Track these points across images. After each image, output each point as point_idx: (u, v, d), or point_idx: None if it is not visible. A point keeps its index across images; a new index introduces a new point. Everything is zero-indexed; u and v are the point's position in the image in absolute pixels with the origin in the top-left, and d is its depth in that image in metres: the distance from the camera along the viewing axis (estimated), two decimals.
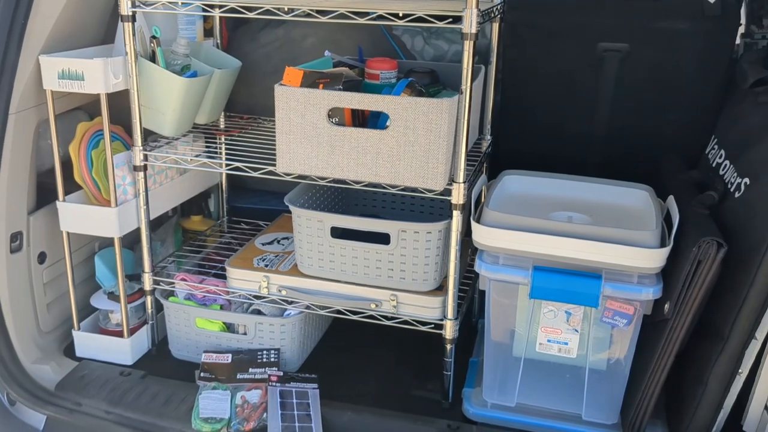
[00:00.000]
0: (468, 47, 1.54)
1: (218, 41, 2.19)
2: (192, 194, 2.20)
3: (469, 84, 1.56)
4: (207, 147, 2.16)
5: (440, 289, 1.79)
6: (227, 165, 1.80)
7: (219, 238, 2.29)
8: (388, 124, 1.62)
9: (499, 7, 1.90)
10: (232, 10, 1.68)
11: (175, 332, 1.96)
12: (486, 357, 1.77)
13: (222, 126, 2.24)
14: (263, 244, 2.02)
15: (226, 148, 2.07)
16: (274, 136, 2.03)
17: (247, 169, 1.78)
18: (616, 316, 1.64)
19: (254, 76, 2.25)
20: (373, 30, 2.27)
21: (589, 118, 2.04)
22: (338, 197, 2.11)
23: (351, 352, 2.03)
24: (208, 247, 2.22)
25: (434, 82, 1.96)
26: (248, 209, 2.39)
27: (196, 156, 1.92)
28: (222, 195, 2.37)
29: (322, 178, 1.70)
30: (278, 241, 2.05)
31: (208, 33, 2.21)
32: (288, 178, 1.73)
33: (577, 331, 1.69)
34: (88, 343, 1.98)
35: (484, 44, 2.05)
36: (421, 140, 1.58)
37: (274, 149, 1.83)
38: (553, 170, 1.92)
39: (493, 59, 1.97)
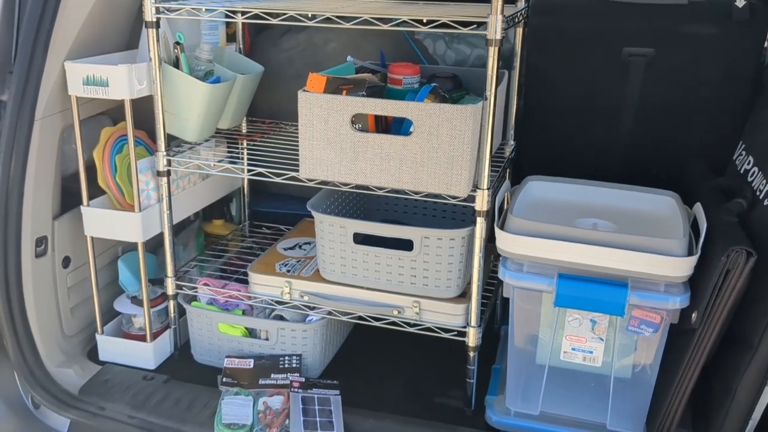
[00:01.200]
0: (493, 53, 1.53)
1: (241, 46, 2.19)
2: (214, 199, 2.20)
3: (493, 90, 1.55)
4: (229, 152, 2.16)
5: (463, 295, 1.78)
6: (250, 171, 1.80)
7: (241, 243, 2.29)
8: (411, 130, 1.62)
9: (523, 12, 1.88)
10: (256, 16, 1.68)
11: (198, 337, 1.96)
12: (509, 364, 1.75)
13: (244, 131, 2.25)
14: (285, 249, 2.02)
15: (249, 153, 2.07)
16: (297, 141, 2.04)
17: (269, 175, 1.78)
18: (642, 325, 1.62)
19: (276, 80, 2.25)
20: (395, 34, 2.26)
21: (614, 123, 2.02)
22: (360, 202, 2.10)
23: (372, 357, 2.02)
24: (230, 252, 2.23)
25: (457, 87, 1.95)
26: (270, 213, 2.39)
27: (219, 161, 1.93)
28: (244, 199, 2.37)
29: (345, 184, 1.69)
30: (300, 246, 2.05)
31: (231, 38, 2.21)
32: (311, 184, 1.73)
33: (602, 339, 1.67)
34: (111, 347, 1.99)
35: (507, 49, 2.04)
36: (445, 146, 1.57)
37: (297, 154, 1.83)
38: (577, 176, 1.91)
39: (517, 64, 1.96)
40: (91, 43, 1.84)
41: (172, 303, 1.98)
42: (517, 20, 1.82)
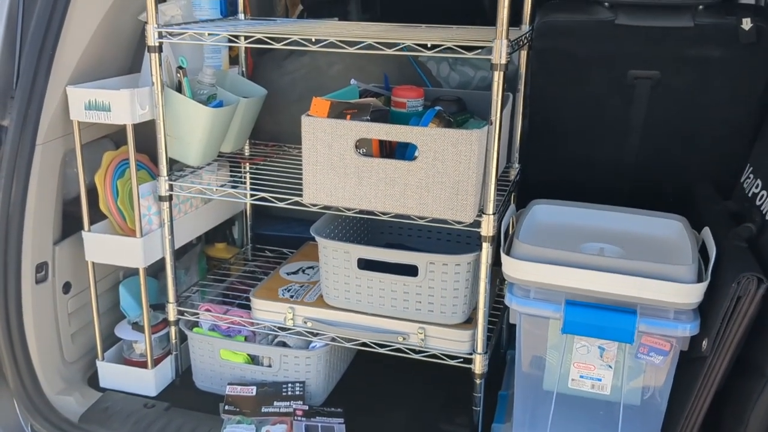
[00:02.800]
0: (498, 78, 1.51)
1: (243, 69, 2.19)
2: (216, 222, 2.18)
3: (498, 115, 1.54)
4: (232, 175, 2.15)
5: (469, 321, 1.75)
6: (252, 195, 1.78)
7: (243, 267, 2.27)
8: (416, 155, 1.60)
9: (527, 35, 1.87)
10: (259, 41, 1.67)
11: (199, 363, 1.94)
12: (516, 391, 1.72)
13: (246, 153, 2.23)
14: (288, 274, 2.00)
15: (251, 177, 2.06)
16: (300, 164, 2.02)
17: (272, 200, 1.76)
18: (651, 353, 1.59)
19: (279, 103, 2.24)
20: (399, 56, 2.25)
21: (619, 146, 2.01)
22: (363, 226, 2.08)
23: (377, 383, 1.99)
24: (232, 276, 2.21)
25: (461, 110, 1.94)
26: (273, 236, 2.37)
27: (221, 186, 1.91)
28: (246, 222, 2.35)
29: (349, 209, 1.67)
30: (303, 271, 2.02)
31: (233, 60, 2.20)
32: (314, 209, 1.71)
33: (611, 366, 1.64)
34: (112, 374, 1.96)
35: (511, 71, 2.02)
36: (450, 171, 1.55)
37: (300, 178, 1.81)
38: (582, 199, 1.89)
39: (521, 87, 1.94)
40: (93, 67, 1.83)
41: (173, 329, 1.96)
42: (521, 43, 1.81)
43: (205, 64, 2.04)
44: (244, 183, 2.16)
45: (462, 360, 1.74)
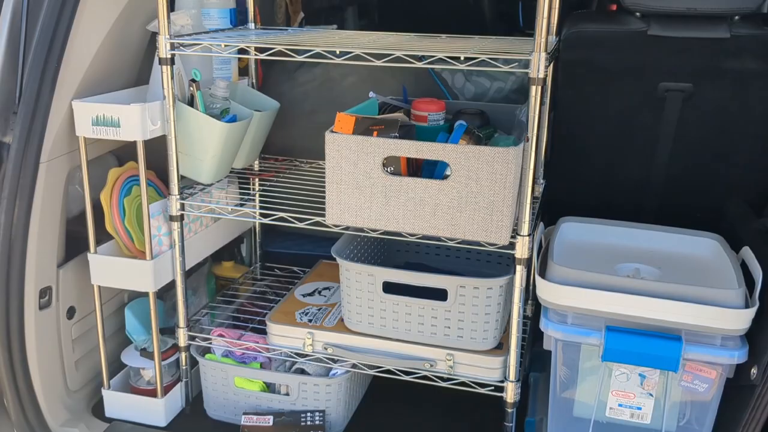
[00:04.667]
0: (535, 93, 1.43)
1: (254, 80, 2.09)
2: (226, 241, 2.09)
3: (535, 132, 1.45)
4: (242, 192, 2.05)
5: (499, 347, 1.67)
6: (269, 215, 1.69)
7: (252, 287, 2.17)
8: (447, 173, 1.52)
9: (555, 47, 1.79)
10: (279, 53, 1.58)
11: (212, 391, 1.84)
12: (551, 420, 1.64)
13: (256, 168, 2.14)
14: (304, 296, 1.90)
15: (262, 193, 1.96)
16: (313, 180, 1.94)
17: (292, 220, 1.67)
18: (696, 380, 1.52)
19: (291, 116, 2.15)
20: (417, 67, 2.17)
21: (648, 160, 1.93)
22: (381, 244, 1.99)
23: (397, 411, 1.90)
24: (242, 297, 2.11)
25: (485, 124, 1.86)
26: (283, 254, 2.28)
27: (236, 205, 1.82)
28: (255, 239, 2.26)
29: (374, 230, 1.58)
30: (319, 292, 1.93)
31: (243, 71, 2.11)
32: (337, 230, 1.62)
33: (651, 395, 1.56)
34: (118, 403, 1.86)
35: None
36: (484, 191, 1.47)
37: (315, 195, 1.73)
38: (607, 216, 1.82)
39: (547, 99, 1.86)
40: (100, 80, 1.74)
41: (184, 355, 1.86)
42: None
43: (214, 75, 1.95)
44: (254, 199, 2.07)
45: (493, 388, 1.65)
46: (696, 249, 1.71)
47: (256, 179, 2.13)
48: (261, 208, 1.78)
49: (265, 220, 1.70)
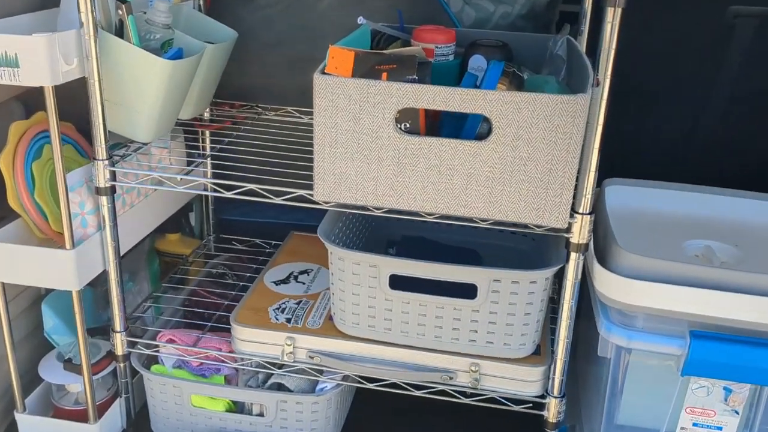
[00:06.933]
0: (613, 16, 1.02)
1: (201, 1, 1.61)
2: (171, 212, 1.64)
3: (610, 72, 1.05)
4: (190, 150, 1.61)
5: (537, 353, 1.30)
6: (235, 188, 1.26)
7: (206, 267, 1.74)
8: (481, 131, 1.11)
9: None
10: None
11: (161, 411, 1.43)
12: None
13: (206, 117, 1.68)
14: (276, 284, 1.49)
15: (216, 153, 1.52)
16: (281, 134, 1.51)
17: (265, 194, 1.24)
18: None
19: (249, 49, 1.68)
20: None
21: (705, 103, 1.56)
22: (371, 221, 1.57)
23: (390, 417, 1.52)
24: (194, 281, 1.68)
25: (507, 59, 1.44)
26: (241, 223, 1.85)
27: (186, 173, 1.37)
28: (207, 206, 1.82)
29: (379, 208, 1.17)
30: (296, 278, 1.52)
31: None
32: (327, 207, 1.21)
33: (737, 412, 1.22)
34: (36, 429, 1.43)
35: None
36: (539, 156, 1.07)
37: (285, 154, 1.30)
38: (655, 172, 1.46)
39: (585, 27, 1.46)
40: None
41: (122, 366, 1.43)
42: None
43: None
44: (205, 158, 1.62)
45: (530, 405, 1.29)
46: None
47: (207, 130, 1.68)
48: (217, 173, 1.34)
49: (228, 194, 1.27)
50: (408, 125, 1.11)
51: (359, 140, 1.11)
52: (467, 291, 1.23)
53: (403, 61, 1.10)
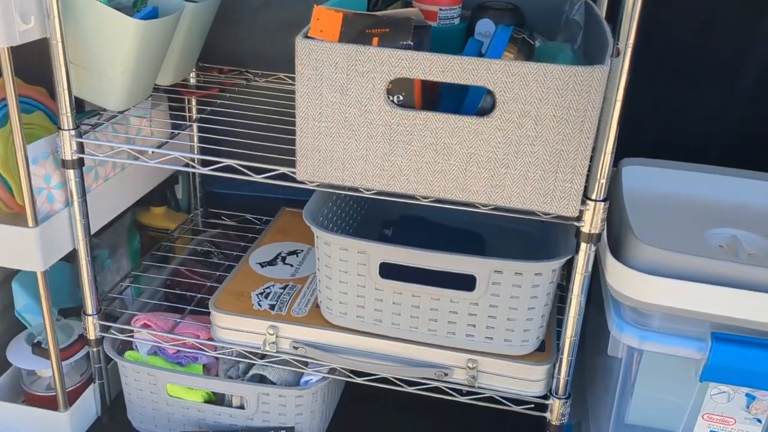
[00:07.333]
0: None
1: None
2: (153, 185, 1.53)
3: (632, 41, 0.92)
4: (174, 119, 1.49)
5: (541, 349, 1.19)
6: (211, 163, 1.14)
7: (192, 244, 1.63)
8: (483, 105, 0.99)
9: None
10: None
11: (137, 399, 1.33)
12: None
13: (193, 84, 1.56)
14: (262, 265, 1.38)
15: (202, 123, 1.41)
16: (271, 102, 1.39)
17: (246, 171, 1.12)
18: None
19: (239, 8, 1.56)
20: None
21: (737, 77, 1.42)
22: (366, 199, 1.45)
23: (381, 414, 1.43)
24: (178, 258, 1.57)
25: (518, 24, 1.31)
26: (232, 197, 1.74)
27: (161, 145, 1.26)
28: (194, 178, 1.71)
29: (369, 190, 1.05)
30: (283, 259, 1.41)
31: None
32: (311, 186, 1.09)
33: (760, 421, 1.11)
34: (5, 417, 1.34)
35: None
36: (548, 135, 0.94)
37: (273, 125, 1.19)
38: (679, 152, 1.33)
39: None
40: None
41: (95, 351, 1.33)
42: None
43: None
44: (190, 128, 1.51)
45: (532, 406, 1.18)
46: None
47: (193, 97, 1.56)
48: (202, 145, 1.23)
49: (204, 170, 1.15)
50: (401, 98, 0.99)
51: (346, 114, 0.99)
52: (466, 281, 1.11)
53: (397, 25, 0.97)
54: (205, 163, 1.15)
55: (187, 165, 1.16)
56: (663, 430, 1.18)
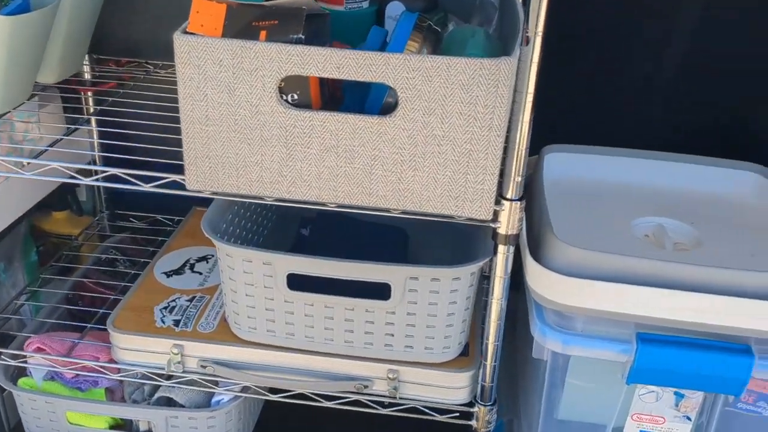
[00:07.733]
0: None
1: None
2: (49, 189, 1.41)
3: (541, 28, 0.84)
4: (71, 116, 1.37)
5: (465, 354, 1.12)
6: (98, 173, 1.04)
7: (97, 251, 1.51)
8: (388, 100, 0.91)
9: None
10: None
11: (36, 429, 1.23)
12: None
13: (87, 78, 1.44)
14: (167, 275, 1.28)
15: (100, 117, 1.29)
16: (173, 96, 1.28)
17: (136, 181, 1.02)
18: (760, 402, 1.04)
19: None
20: None
21: (658, 56, 1.37)
22: (273, 208, 1.36)
23: (304, 430, 1.35)
24: (81, 269, 1.45)
25: (430, 7, 1.22)
26: (139, 196, 1.61)
27: (45, 149, 1.14)
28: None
29: (269, 197, 0.96)
30: (191, 267, 1.31)
31: None
32: (206, 195, 0.99)
33: (689, 418, 1.07)
34: None
35: None
36: (456, 134, 0.87)
37: (176, 121, 1.08)
38: (603, 136, 1.28)
39: None
40: None
41: None
42: None
43: None
44: (91, 130, 1.39)
45: (457, 414, 1.12)
46: (734, 188, 1.21)
47: (90, 96, 1.44)
48: (102, 143, 1.12)
49: (87, 181, 1.05)
50: (296, 97, 0.90)
51: (236, 116, 0.89)
52: (381, 288, 1.04)
53: (287, 16, 0.87)
54: (87, 173, 1.04)
55: (67, 176, 1.05)
56: (595, 424, 1.13)
